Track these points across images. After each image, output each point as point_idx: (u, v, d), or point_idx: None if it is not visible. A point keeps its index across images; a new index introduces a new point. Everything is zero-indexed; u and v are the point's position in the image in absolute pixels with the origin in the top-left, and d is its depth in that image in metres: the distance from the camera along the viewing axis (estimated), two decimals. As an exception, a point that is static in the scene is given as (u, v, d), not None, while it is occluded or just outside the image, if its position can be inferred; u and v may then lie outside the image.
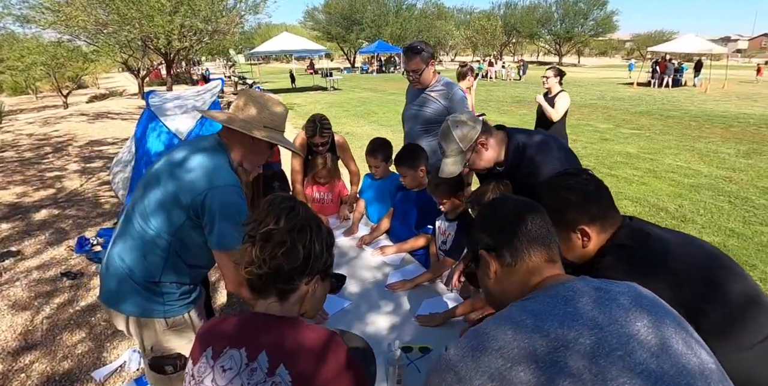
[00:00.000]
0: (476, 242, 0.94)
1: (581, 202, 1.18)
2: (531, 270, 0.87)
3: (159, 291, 1.53)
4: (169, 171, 1.49)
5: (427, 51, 2.69)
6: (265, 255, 0.96)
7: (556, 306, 0.76)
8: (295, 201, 1.04)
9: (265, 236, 0.97)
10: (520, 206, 0.92)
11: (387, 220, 2.66)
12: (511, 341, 0.72)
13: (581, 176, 1.23)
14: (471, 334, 0.77)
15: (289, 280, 0.99)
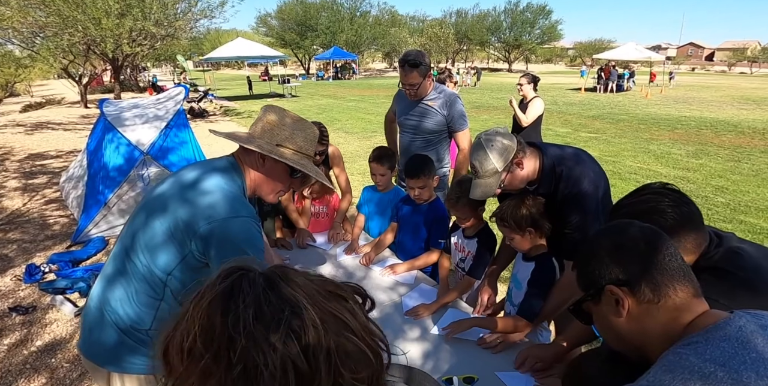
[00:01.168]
0: (599, 276, 0.82)
1: (675, 225, 1.07)
2: (679, 308, 0.76)
3: (149, 341, 1.27)
4: (179, 195, 1.27)
5: (425, 63, 2.53)
6: None
7: (738, 353, 0.66)
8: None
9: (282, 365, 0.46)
10: (648, 233, 0.81)
11: (391, 235, 2.50)
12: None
13: (668, 194, 1.13)
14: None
15: None
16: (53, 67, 12.24)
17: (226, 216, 1.20)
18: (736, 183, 6.36)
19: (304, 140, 1.40)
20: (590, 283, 0.84)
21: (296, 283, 0.50)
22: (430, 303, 1.93)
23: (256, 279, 0.49)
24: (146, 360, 1.27)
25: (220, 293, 0.48)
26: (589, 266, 0.85)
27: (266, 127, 1.36)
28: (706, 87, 25.37)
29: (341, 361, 0.46)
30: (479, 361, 1.62)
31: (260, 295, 0.47)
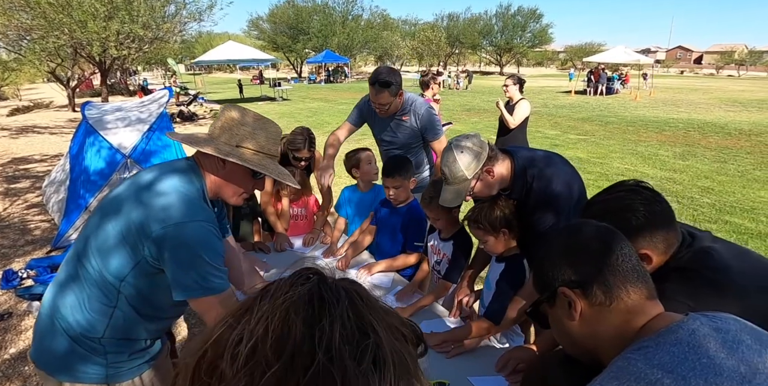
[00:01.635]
0: (552, 278, 0.79)
1: (646, 224, 1.05)
2: (631, 310, 0.73)
3: (102, 350, 1.22)
4: (134, 197, 1.23)
5: (396, 83, 2.41)
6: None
7: (688, 358, 0.63)
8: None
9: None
10: (603, 233, 0.78)
11: (369, 237, 2.48)
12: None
13: (641, 192, 1.10)
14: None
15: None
16: (40, 70, 12.09)
17: (181, 220, 1.16)
18: (722, 184, 6.41)
19: (266, 139, 1.35)
20: (544, 285, 0.82)
21: (373, 307, 0.44)
22: (406, 307, 1.90)
23: (339, 290, 0.43)
24: (99, 369, 1.22)
25: (300, 298, 0.42)
26: (543, 268, 0.83)
27: (225, 125, 1.32)
28: (694, 89, 25.66)
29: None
30: (451, 366, 1.59)
31: (346, 311, 0.41)
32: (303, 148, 2.60)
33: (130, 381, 1.26)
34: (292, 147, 2.60)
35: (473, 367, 1.58)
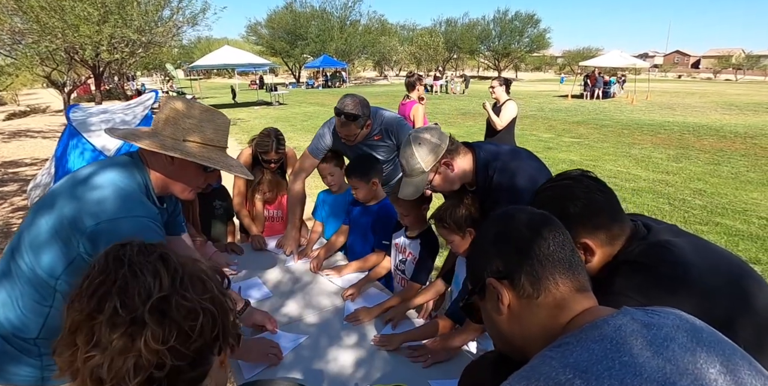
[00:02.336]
0: (480, 268, 0.73)
1: (584, 212, 1.01)
2: (558, 304, 0.68)
3: (36, 351, 1.17)
4: (69, 191, 1.18)
5: (363, 115, 2.23)
6: (168, 339, 0.58)
7: (607, 356, 0.57)
8: (155, 246, 0.68)
9: (160, 308, 0.59)
10: (536, 220, 0.73)
11: (342, 237, 2.43)
12: None
13: (583, 181, 1.06)
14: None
15: (203, 359, 0.64)
16: (33, 72, 12.06)
17: (116, 215, 1.11)
18: (715, 185, 6.36)
19: (214, 131, 1.31)
20: (474, 276, 0.76)
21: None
22: (372, 307, 1.85)
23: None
24: (33, 372, 1.17)
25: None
26: (473, 257, 0.77)
27: (170, 118, 1.28)
28: (691, 93, 25.68)
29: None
30: (411, 369, 1.54)
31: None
32: (271, 150, 2.54)
33: (67, 384, 1.20)
34: (260, 149, 2.55)
35: (434, 370, 1.53)
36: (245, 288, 2.08)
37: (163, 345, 0.57)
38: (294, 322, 1.84)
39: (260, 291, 2.08)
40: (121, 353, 0.57)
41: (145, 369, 0.57)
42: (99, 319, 0.58)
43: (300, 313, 1.91)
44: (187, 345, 0.60)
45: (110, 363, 0.57)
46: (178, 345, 0.58)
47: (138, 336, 0.57)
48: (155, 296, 0.59)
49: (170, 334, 0.58)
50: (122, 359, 0.57)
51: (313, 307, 1.96)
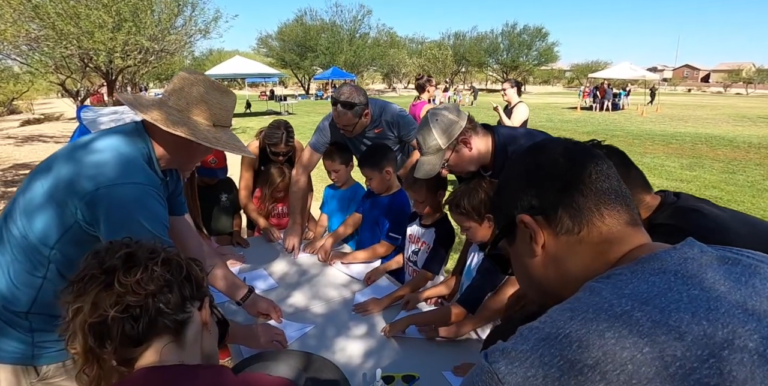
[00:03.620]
0: (509, 206, 0.63)
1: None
2: (606, 239, 0.57)
3: (27, 326, 1.10)
4: (67, 155, 1.13)
5: (360, 103, 2.16)
6: (135, 276, 0.69)
7: (671, 288, 0.47)
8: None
9: (126, 258, 0.72)
10: (573, 149, 0.62)
11: (351, 228, 2.35)
12: (615, 350, 0.42)
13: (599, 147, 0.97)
14: (532, 341, 0.47)
15: (181, 304, 0.74)
16: (46, 78, 12.26)
17: (116, 180, 1.06)
18: (731, 193, 6.21)
19: (219, 107, 1.26)
20: (503, 217, 0.66)
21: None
22: (381, 298, 1.76)
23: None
24: (23, 348, 1.10)
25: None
26: (500, 196, 0.67)
27: (177, 88, 1.22)
28: (701, 106, 25.52)
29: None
30: (424, 360, 1.45)
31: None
32: (280, 143, 2.49)
33: (60, 363, 1.13)
34: (270, 141, 2.50)
35: (448, 361, 1.43)
36: (250, 279, 2.00)
37: (132, 276, 0.69)
38: (300, 312, 1.76)
39: (266, 282, 2.01)
40: (100, 293, 0.68)
41: (123, 304, 0.67)
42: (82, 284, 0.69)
43: (306, 304, 1.83)
44: (155, 281, 0.70)
45: (94, 303, 0.67)
46: (147, 281, 0.69)
47: (112, 279, 0.68)
48: (123, 251, 0.73)
49: (136, 269, 0.70)
50: (104, 298, 0.67)
51: (320, 298, 1.88)
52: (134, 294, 0.68)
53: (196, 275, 0.78)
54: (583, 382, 0.42)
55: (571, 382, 0.42)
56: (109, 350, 0.68)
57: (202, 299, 0.80)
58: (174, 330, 0.73)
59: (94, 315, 0.66)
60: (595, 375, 0.41)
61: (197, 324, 0.77)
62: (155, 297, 0.70)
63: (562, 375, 0.43)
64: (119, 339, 0.67)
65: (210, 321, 0.81)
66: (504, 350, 0.48)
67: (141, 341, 0.70)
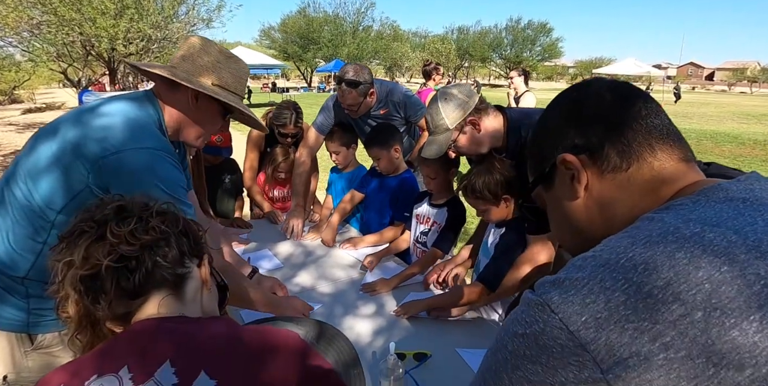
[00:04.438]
0: (549, 147, 0.59)
1: None
2: (658, 175, 0.52)
3: (23, 292, 1.06)
4: (74, 118, 1.09)
5: (365, 81, 2.12)
6: (129, 227, 0.65)
7: (742, 213, 0.43)
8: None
9: (118, 210, 0.68)
10: (619, 85, 0.58)
11: (349, 205, 2.30)
12: (689, 270, 0.38)
13: None
14: (590, 268, 0.43)
15: (179, 259, 0.70)
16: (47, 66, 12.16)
17: (126, 146, 1.02)
18: (736, 188, 6.17)
19: (232, 75, 1.23)
20: (540, 161, 0.61)
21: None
22: (390, 278, 1.73)
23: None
24: (19, 314, 1.06)
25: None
26: (538, 138, 0.63)
27: (187, 55, 1.19)
28: (706, 103, 25.37)
29: None
30: (437, 337, 1.42)
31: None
32: (289, 124, 2.45)
33: (56, 333, 1.10)
34: (278, 122, 2.45)
35: (461, 339, 1.40)
36: (254, 259, 1.97)
37: (125, 227, 0.64)
38: (306, 291, 1.72)
39: (270, 262, 1.97)
40: (91, 245, 0.63)
41: (117, 253, 0.62)
42: (72, 239, 0.65)
43: (313, 283, 1.80)
44: (151, 232, 0.66)
45: (85, 255, 0.62)
46: (141, 232, 0.65)
47: (104, 230, 0.64)
48: (115, 204, 0.69)
49: (130, 220, 0.66)
50: (97, 249, 0.63)
51: (326, 278, 1.84)
52: (128, 244, 0.63)
53: (194, 231, 0.74)
54: (654, 304, 0.38)
55: (639, 305, 0.38)
56: (104, 305, 0.63)
57: (201, 256, 0.75)
58: (173, 284, 0.68)
59: (86, 266, 0.61)
60: (667, 297, 0.38)
61: (197, 281, 0.73)
62: (152, 249, 0.65)
63: (628, 299, 0.39)
64: (114, 291, 0.63)
65: (210, 281, 0.77)
66: (555, 281, 0.45)
67: (138, 294, 0.65)
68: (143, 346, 0.60)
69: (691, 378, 0.35)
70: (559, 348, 0.41)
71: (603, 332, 0.38)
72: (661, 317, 0.37)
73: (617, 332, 0.38)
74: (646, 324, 0.37)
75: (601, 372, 0.38)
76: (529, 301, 0.46)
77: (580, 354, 0.39)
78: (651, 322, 0.37)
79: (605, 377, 0.38)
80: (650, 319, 0.37)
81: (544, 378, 0.43)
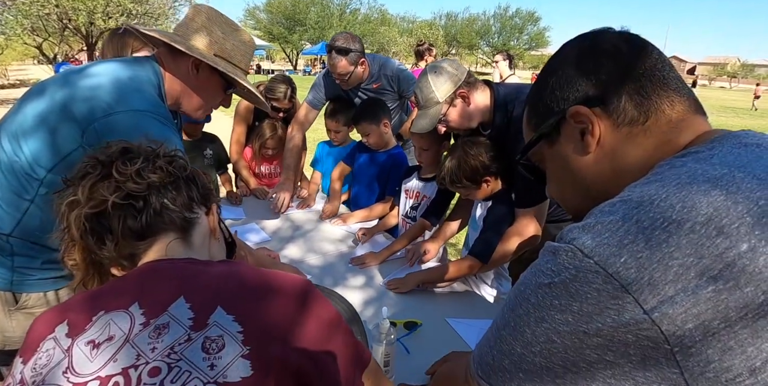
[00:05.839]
0: (558, 99, 0.57)
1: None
2: (675, 125, 0.51)
3: (8, 249, 1.03)
4: (62, 78, 1.06)
5: (355, 49, 2.10)
6: (135, 166, 0.63)
7: (762, 156, 0.44)
8: None
9: (123, 151, 0.66)
10: (632, 35, 0.56)
11: (339, 183, 2.29)
12: (728, 205, 0.38)
13: None
14: (622, 211, 0.42)
15: (188, 203, 0.68)
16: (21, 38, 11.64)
17: (119, 108, 0.98)
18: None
19: (237, 48, 1.19)
20: (545, 115, 0.59)
21: None
22: (380, 251, 1.73)
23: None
24: (3, 272, 1.02)
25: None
26: (543, 91, 0.59)
27: (191, 25, 1.15)
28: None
29: None
30: (428, 307, 1.43)
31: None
32: (284, 98, 2.40)
33: (41, 293, 1.06)
34: (272, 95, 2.40)
35: (451, 308, 1.41)
36: (242, 233, 1.94)
37: (132, 166, 0.62)
38: (295, 264, 1.71)
39: (258, 235, 1.95)
40: (96, 184, 0.61)
41: (124, 191, 0.60)
42: (77, 181, 0.62)
43: (302, 256, 1.78)
44: (158, 172, 0.64)
45: (90, 194, 0.60)
46: (148, 171, 0.63)
47: (109, 170, 0.61)
48: (120, 146, 0.67)
49: (136, 160, 0.64)
50: (102, 187, 0.60)
51: (315, 252, 1.83)
52: (135, 182, 0.61)
53: (201, 178, 0.72)
54: (697, 240, 0.38)
55: (683, 241, 0.38)
56: (109, 246, 0.61)
57: (209, 205, 0.74)
58: (181, 228, 0.67)
59: (91, 203, 0.59)
60: (710, 231, 0.37)
61: (204, 228, 0.72)
62: (159, 191, 0.64)
63: (669, 237, 0.38)
64: (121, 231, 0.61)
65: (218, 230, 0.76)
66: (585, 226, 0.44)
67: (145, 235, 0.63)
68: (152, 284, 0.58)
69: (740, 308, 0.36)
70: (595, 292, 0.40)
71: (645, 271, 0.38)
72: (707, 251, 0.37)
73: (661, 270, 0.38)
74: (691, 259, 0.37)
75: (644, 312, 0.38)
76: (554, 250, 0.45)
77: (619, 296, 0.39)
78: (696, 257, 0.37)
79: (650, 316, 0.37)
80: (695, 254, 0.37)
81: (575, 327, 0.41)
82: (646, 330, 0.38)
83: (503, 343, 0.49)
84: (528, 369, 0.46)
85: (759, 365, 0.35)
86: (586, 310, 0.40)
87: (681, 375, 0.37)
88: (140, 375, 0.49)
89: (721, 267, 0.36)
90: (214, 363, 0.50)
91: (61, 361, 0.52)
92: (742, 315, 0.35)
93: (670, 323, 0.37)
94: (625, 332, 0.38)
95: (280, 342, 0.55)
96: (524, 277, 0.49)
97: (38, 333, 0.57)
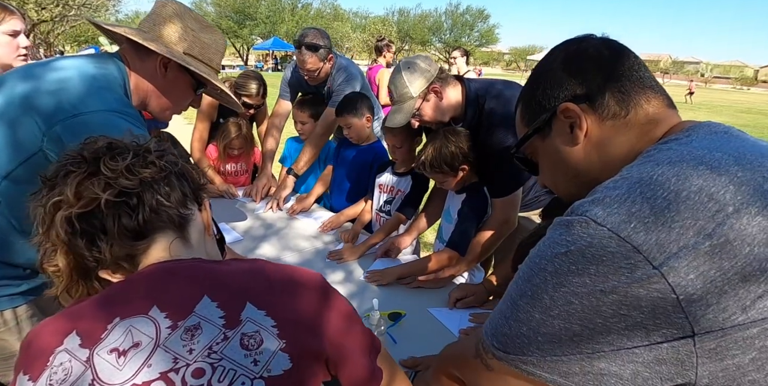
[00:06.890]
0: (549, 97, 0.64)
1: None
2: (652, 118, 0.60)
3: None
4: (24, 71, 0.99)
5: (325, 46, 2.12)
6: (125, 161, 0.59)
7: (731, 141, 0.53)
8: None
9: (109, 146, 0.62)
10: (611, 41, 0.65)
11: (321, 187, 2.29)
12: (714, 176, 0.46)
13: None
14: (626, 186, 0.49)
15: (182, 200, 0.64)
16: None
17: (87, 108, 0.92)
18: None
19: (208, 47, 1.15)
20: (538, 112, 0.66)
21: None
22: (357, 246, 1.74)
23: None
24: None
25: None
26: (535, 91, 0.67)
27: (158, 20, 1.09)
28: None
29: None
30: (410, 297, 1.46)
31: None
32: (256, 95, 2.36)
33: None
34: (244, 91, 2.33)
35: (432, 299, 1.46)
36: (213, 233, 1.89)
37: (121, 161, 0.58)
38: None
39: (229, 235, 1.91)
40: (83, 181, 0.56)
41: (116, 188, 0.56)
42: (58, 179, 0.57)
43: (277, 254, 1.77)
44: (150, 167, 0.60)
45: (77, 192, 0.55)
46: (139, 166, 0.59)
47: (97, 166, 0.57)
48: (105, 141, 0.62)
49: (126, 155, 0.60)
50: (91, 185, 0.56)
51: (291, 249, 1.82)
52: (126, 178, 0.57)
53: (192, 174, 0.69)
54: (693, 205, 0.45)
55: (681, 207, 0.45)
56: (103, 247, 0.56)
57: (201, 200, 0.71)
58: (178, 226, 0.64)
59: (80, 203, 0.55)
60: (702, 198, 0.45)
61: (199, 224, 0.69)
62: (152, 187, 0.59)
63: (669, 204, 0.45)
64: (117, 230, 0.56)
65: (212, 226, 0.74)
66: (594, 200, 0.50)
67: (142, 234, 0.59)
68: (167, 286, 0.56)
69: (731, 258, 0.42)
70: (610, 255, 0.45)
71: (652, 233, 0.44)
72: (701, 214, 0.44)
73: (665, 231, 0.44)
74: (689, 221, 0.44)
75: (654, 267, 0.43)
76: (567, 223, 0.50)
77: (631, 256, 0.44)
78: (693, 219, 0.44)
79: (660, 270, 0.43)
80: (692, 217, 0.44)
81: (592, 287, 0.46)
82: (656, 283, 0.43)
83: (520, 312, 0.53)
84: (546, 332, 0.50)
85: (749, 304, 0.42)
86: (602, 271, 0.46)
87: (686, 318, 0.43)
88: (184, 378, 0.49)
89: (714, 225, 0.43)
90: (257, 359, 0.51)
91: (84, 374, 0.50)
92: (733, 263, 0.42)
93: (676, 275, 0.43)
94: (638, 287, 0.44)
95: (311, 333, 0.56)
96: (537, 251, 0.53)
97: (43, 344, 0.54)
